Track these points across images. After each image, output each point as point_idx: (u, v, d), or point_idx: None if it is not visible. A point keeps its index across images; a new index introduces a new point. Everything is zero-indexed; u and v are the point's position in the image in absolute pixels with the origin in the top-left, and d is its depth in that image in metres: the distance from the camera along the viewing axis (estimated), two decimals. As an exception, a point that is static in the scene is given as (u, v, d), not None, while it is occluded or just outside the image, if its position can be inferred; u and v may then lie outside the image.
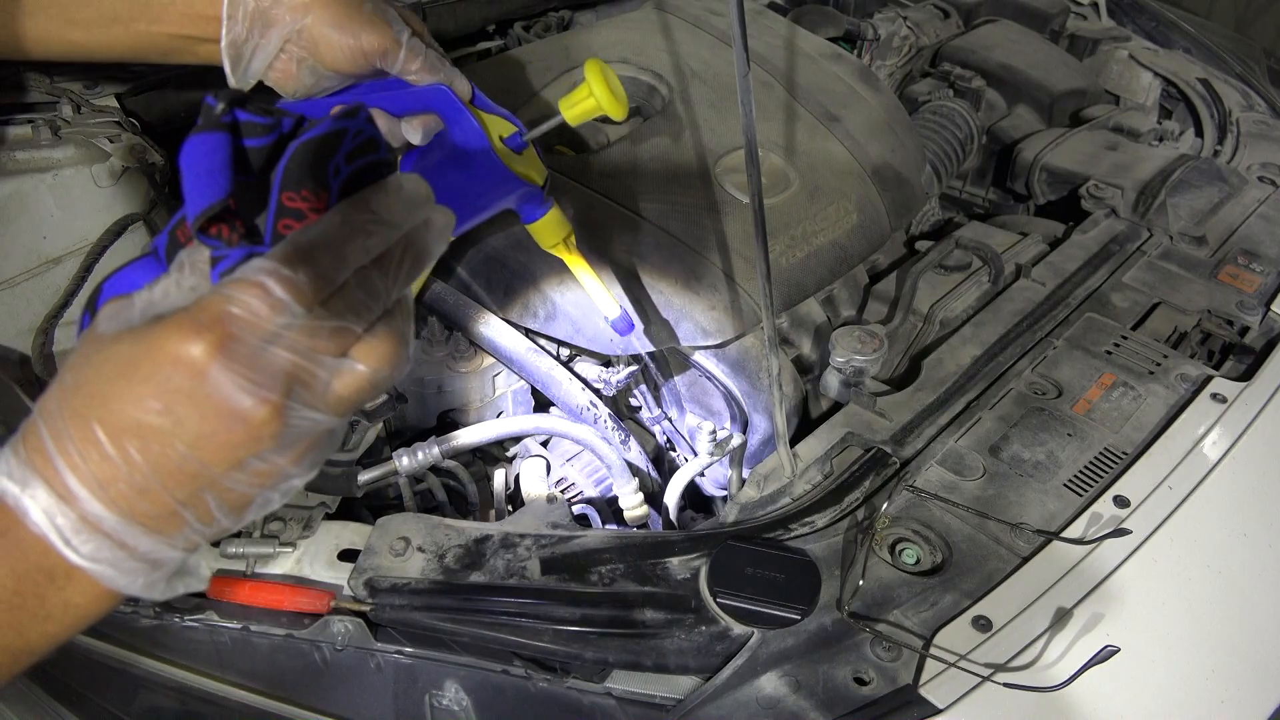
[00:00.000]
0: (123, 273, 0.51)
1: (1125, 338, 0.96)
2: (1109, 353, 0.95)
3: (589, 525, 0.93)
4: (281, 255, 0.42)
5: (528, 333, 0.94)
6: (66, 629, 0.45)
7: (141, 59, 0.80)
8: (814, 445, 0.84)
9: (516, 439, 0.99)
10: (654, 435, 1.04)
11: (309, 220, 0.45)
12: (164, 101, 1.17)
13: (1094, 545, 0.74)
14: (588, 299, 0.89)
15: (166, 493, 0.42)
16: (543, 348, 0.93)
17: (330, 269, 0.43)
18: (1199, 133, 1.42)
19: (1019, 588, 0.71)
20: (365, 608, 0.70)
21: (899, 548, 0.74)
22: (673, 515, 0.87)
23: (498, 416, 1.00)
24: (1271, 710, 0.69)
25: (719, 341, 0.92)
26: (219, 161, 0.45)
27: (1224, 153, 1.30)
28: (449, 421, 1.03)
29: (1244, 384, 0.90)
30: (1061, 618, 0.69)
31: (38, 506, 0.42)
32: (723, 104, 1.08)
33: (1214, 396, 0.89)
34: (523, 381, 1.00)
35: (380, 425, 0.91)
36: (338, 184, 0.46)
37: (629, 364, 0.95)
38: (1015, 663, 0.66)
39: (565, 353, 0.96)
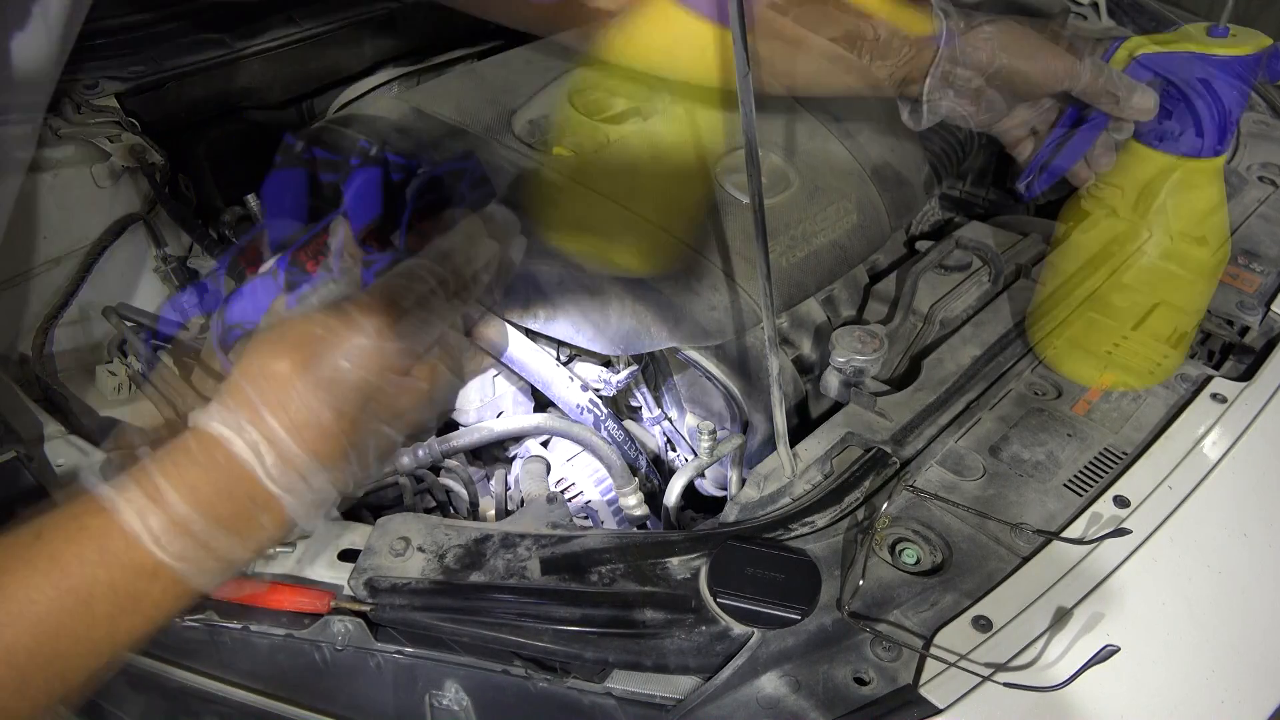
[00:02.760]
0: (246, 289, 0.66)
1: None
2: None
3: (589, 525, 0.93)
4: (431, 257, 0.56)
5: (528, 333, 0.94)
6: (259, 547, 0.54)
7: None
8: (814, 445, 0.84)
9: (517, 439, 0.99)
10: (654, 435, 1.04)
11: (430, 238, 0.58)
12: (164, 101, 1.17)
13: (1094, 545, 0.74)
14: (588, 299, 0.89)
15: (344, 437, 0.53)
16: (542, 348, 0.93)
17: (461, 268, 0.57)
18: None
19: (1019, 588, 0.71)
20: (365, 608, 0.70)
21: (899, 548, 0.74)
22: (673, 515, 0.87)
23: (498, 416, 1.00)
24: (1271, 710, 0.69)
25: (719, 341, 0.92)
26: (374, 189, 0.58)
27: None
28: (449, 421, 1.03)
29: (1244, 384, 0.90)
30: (1061, 618, 0.69)
31: (245, 445, 0.51)
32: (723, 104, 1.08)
33: (1214, 396, 0.89)
34: (523, 381, 1.00)
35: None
36: (463, 207, 0.61)
37: (629, 364, 0.95)
38: (1015, 662, 0.66)
39: (565, 353, 0.96)
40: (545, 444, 1.00)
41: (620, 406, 1.03)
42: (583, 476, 0.95)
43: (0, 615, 0.46)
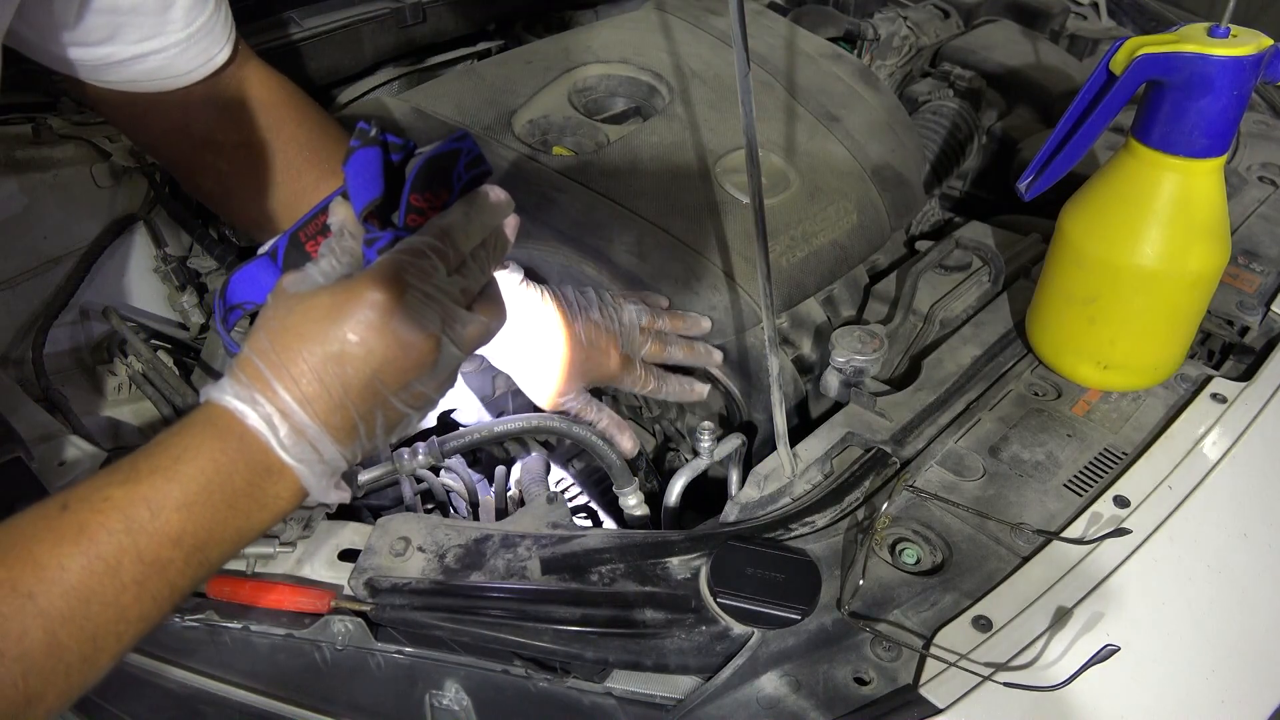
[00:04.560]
0: (246, 270, 0.67)
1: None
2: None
3: (590, 525, 0.93)
4: (432, 234, 0.58)
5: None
6: (274, 516, 0.56)
7: None
8: (814, 445, 0.84)
9: (517, 439, 0.99)
10: (654, 435, 1.04)
11: (428, 216, 0.60)
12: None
13: (1094, 545, 0.74)
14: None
15: (353, 408, 0.55)
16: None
17: (461, 244, 0.59)
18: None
19: (1019, 588, 0.71)
20: (365, 607, 0.70)
21: (899, 548, 0.74)
22: (673, 516, 0.87)
23: (498, 416, 1.00)
24: (1271, 710, 0.69)
25: (719, 342, 0.92)
26: (374, 170, 0.60)
27: (1224, 153, 1.30)
28: (449, 421, 1.03)
29: (1244, 384, 0.90)
30: (1061, 617, 0.69)
31: (259, 417, 0.54)
32: (723, 104, 1.08)
33: (1214, 396, 0.89)
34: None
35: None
36: (460, 186, 0.63)
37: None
38: (1015, 662, 0.66)
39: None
40: (546, 444, 1.00)
41: (620, 406, 1.03)
42: (583, 477, 0.95)
43: (34, 582, 0.48)
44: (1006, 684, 0.63)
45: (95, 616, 0.49)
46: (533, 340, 0.84)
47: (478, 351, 0.86)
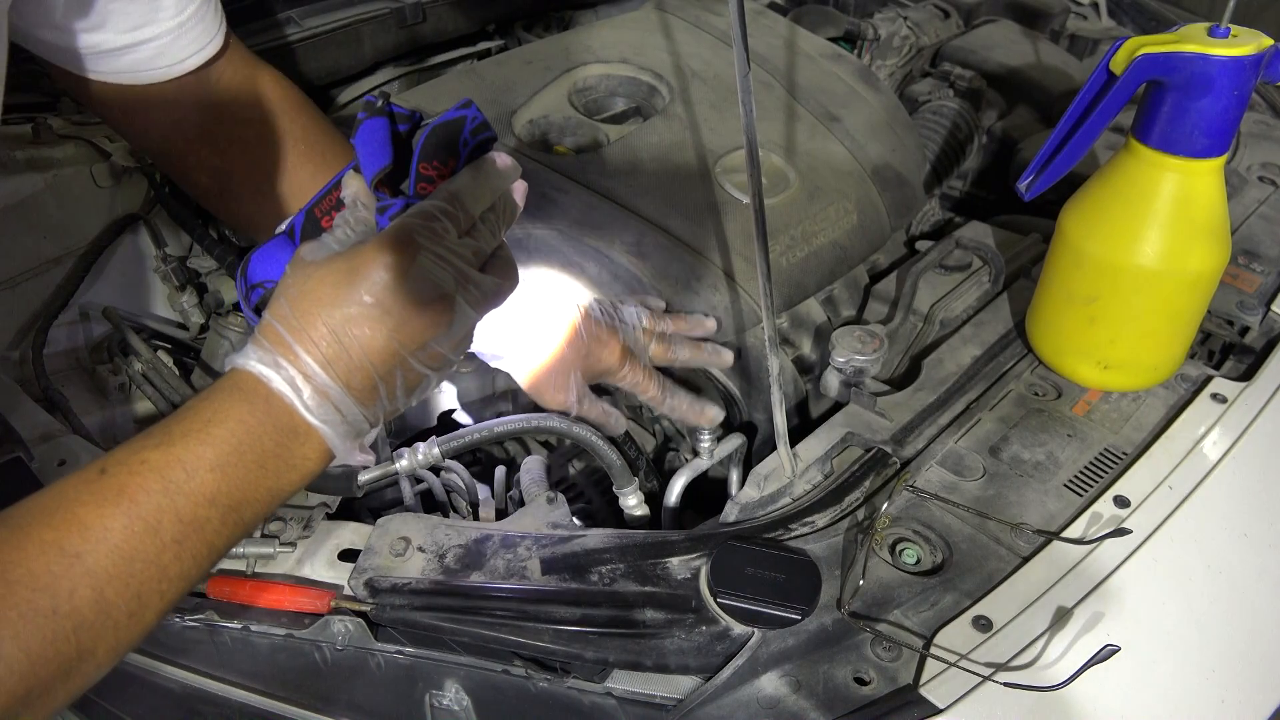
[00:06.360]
0: (265, 248, 0.68)
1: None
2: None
3: (590, 525, 0.93)
4: (442, 198, 0.60)
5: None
6: (303, 477, 0.58)
7: None
8: (814, 445, 0.84)
9: (517, 439, 0.99)
10: (654, 435, 1.04)
11: (437, 184, 0.62)
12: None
13: (1094, 545, 0.74)
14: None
15: (373, 369, 0.57)
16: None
17: (470, 207, 0.61)
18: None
19: (1019, 588, 0.71)
20: (365, 607, 0.70)
21: (899, 548, 0.74)
22: (673, 516, 0.87)
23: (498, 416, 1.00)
24: (1271, 710, 0.69)
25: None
26: (382, 139, 0.62)
27: (1224, 153, 1.30)
28: (449, 421, 1.03)
29: (1244, 384, 0.90)
30: (1061, 618, 0.69)
31: (283, 380, 0.55)
32: (723, 104, 1.08)
33: (1214, 396, 0.89)
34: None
35: (380, 425, 0.91)
36: (466, 152, 0.64)
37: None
38: (1015, 662, 0.66)
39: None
40: (546, 444, 1.00)
41: (620, 406, 1.02)
42: (583, 477, 0.94)
43: (80, 542, 0.49)
44: (1006, 684, 0.63)
45: (139, 575, 0.51)
46: (530, 334, 0.84)
47: (477, 354, 0.86)
